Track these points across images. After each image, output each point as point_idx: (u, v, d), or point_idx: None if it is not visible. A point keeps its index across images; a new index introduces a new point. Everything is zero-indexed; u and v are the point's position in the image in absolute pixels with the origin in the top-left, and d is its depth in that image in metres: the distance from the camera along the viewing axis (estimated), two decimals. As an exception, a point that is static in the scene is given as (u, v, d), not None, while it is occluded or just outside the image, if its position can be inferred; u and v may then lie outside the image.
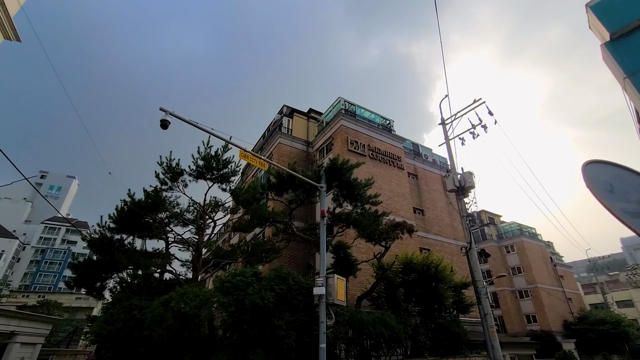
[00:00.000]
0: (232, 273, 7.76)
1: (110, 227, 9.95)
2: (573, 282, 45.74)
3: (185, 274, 12.33)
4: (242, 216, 11.54)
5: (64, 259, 74.10)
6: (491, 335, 13.23)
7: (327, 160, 20.05)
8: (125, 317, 8.28)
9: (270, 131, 28.41)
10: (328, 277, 7.89)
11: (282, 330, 7.41)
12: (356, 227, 10.45)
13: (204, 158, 10.23)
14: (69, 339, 41.30)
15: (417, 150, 27.77)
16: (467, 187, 15.97)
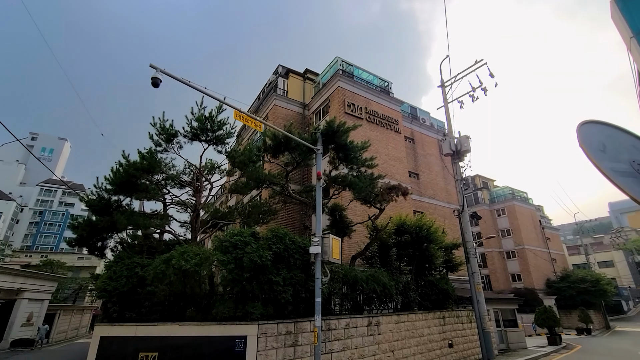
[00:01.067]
0: (231, 233, 7.97)
1: (107, 188, 9.98)
2: (559, 244, 47.62)
3: (185, 234, 12.60)
4: (239, 178, 11.59)
5: (62, 220, 75.02)
6: (477, 291, 14.06)
7: (324, 123, 19.82)
8: (128, 274, 8.58)
9: (266, 93, 27.66)
10: (324, 237, 8.16)
11: (279, 285, 7.79)
12: (352, 189, 10.60)
13: (198, 119, 10.03)
14: (75, 295, 43.02)
15: (414, 114, 27.40)
16: (463, 151, 16.06)
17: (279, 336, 7.84)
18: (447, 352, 12.96)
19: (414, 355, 11.35)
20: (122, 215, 9.15)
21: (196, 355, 7.39)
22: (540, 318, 22.74)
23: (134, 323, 7.89)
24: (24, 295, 23.54)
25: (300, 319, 8.42)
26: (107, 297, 8.18)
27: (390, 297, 10.90)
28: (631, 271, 53.36)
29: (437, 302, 13.09)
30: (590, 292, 34.59)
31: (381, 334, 10.37)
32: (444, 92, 18.24)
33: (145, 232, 10.32)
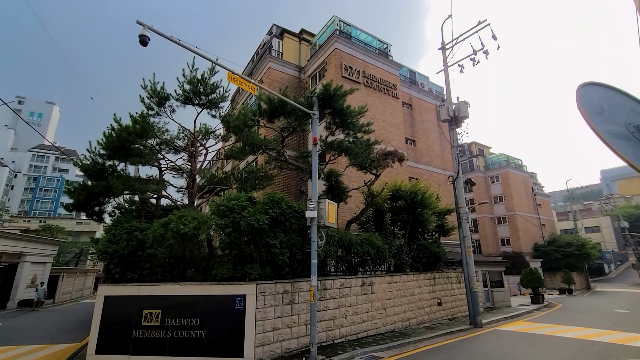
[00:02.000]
0: (228, 197, 8.04)
1: (100, 153, 9.86)
2: (549, 210, 48.82)
3: (182, 199, 12.70)
4: (234, 143, 11.47)
5: (58, 186, 74.84)
6: (467, 254, 14.57)
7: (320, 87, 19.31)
8: (128, 237, 8.75)
9: (260, 55, 26.62)
10: (320, 202, 8.27)
11: (277, 248, 8.02)
12: (348, 155, 10.58)
13: (190, 82, 9.70)
14: (77, 259, 43.98)
15: (413, 79, 26.72)
16: (461, 117, 15.88)
17: (277, 295, 8.21)
18: (436, 310, 13.71)
19: (404, 312, 12.01)
20: (117, 180, 9.12)
21: (198, 312, 7.75)
22: (526, 279, 23.86)
23: (137, 283, 8.18)
24: (26, 258, 24.08)
25: (296, 280, 8.77)
26: (109, 259, 8.39)
27: (384, 259, 11.30)
28: (616, 236, 55.37)
29: (428, 264, 13.63)
30: (575, 255, 36.09)
31: (374, 293, 10.89)
32: (445, 55, 17.67)
33: (142, 197, 10.37)
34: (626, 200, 68.49)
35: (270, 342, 7.86)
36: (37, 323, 18.13)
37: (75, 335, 14.20)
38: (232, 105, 24.39)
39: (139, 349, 7.73)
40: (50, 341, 12.80)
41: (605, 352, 9.10)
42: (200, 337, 7.63)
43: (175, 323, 7.77)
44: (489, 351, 9.09)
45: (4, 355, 10.41)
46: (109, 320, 8.01)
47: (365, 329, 10.33)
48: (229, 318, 7.69)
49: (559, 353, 8.96)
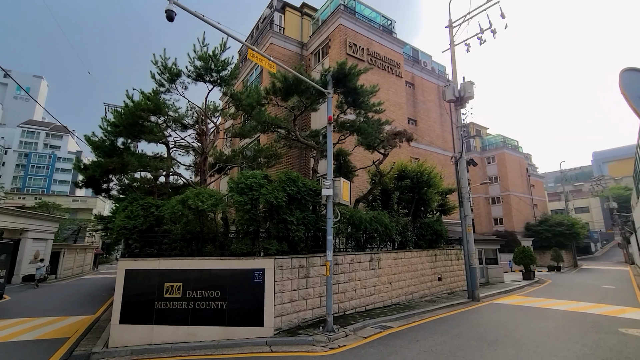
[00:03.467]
0: (245, 175, 8.17)
1: (110, 130, 9.78)
2: (542, 191, 49.87)
3: (190, 177, 12.78)
4: (244, 122, 11.45)
5: (50, 163, 73.76)
6: (467, 232, 15.07)
7: (326, 65, 19.02)
8: (144, 213, 8.89)
9: (260, 30, 25.90)
10: (335, 180, 8.46)
11: (293, 225, 8.27)
12: (360, 134, 10.68)
13: (202, 58, 9.55)
14: (75, 236, 44.14)
15: (416, 57, 26.39)
16: (466, 98, 15.95)
17: (293, 269, 8.54)
18: (436, 285, 14.34)
19: (408, 287, 12.56)
20: (133, 156, 9.15)
21: (218, 284, 8.06)
22: (518, 257, 24.80)
23: (157, 258, 8.41)
24: (27, 235, 24.18)
25: (311, 255, 9.11)
26: (128, 234, 8.56)
27: (390, 236, 11.68)
28: (604, 216, 57.13)
29: (430, 242, 14.12)
30: (565, 234, 37.35)
31: (381, 269, 11.35)
32: (451, 34, 17.47)
33: (155, 175, 10.43)
34: (616, 181, 70.05)
35: (287, 312, 8.27)
36: (45, 297, 18.51)
37: (87, 308, 14.60)
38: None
39: (162, 319, 8.07)
40: (64, 313, 13.19)
41: (597, 323, 9.73)
42: (222, 308, 7.98)
43: (197, 295, 8.09)
44: (490, 321, 9.67)
45: (23, 327, 10.76)
46: (131, 292, 8.28)
47: (373, 301, 10.84)
48: (249, 290, 8.03)
49: (555, 323, 9.56)
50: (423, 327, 8.92)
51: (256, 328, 7.84)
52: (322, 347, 7.07)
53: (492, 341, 7.40)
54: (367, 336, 7.87)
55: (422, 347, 6.87)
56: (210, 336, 7.86)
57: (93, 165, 9.58)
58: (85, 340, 9.15)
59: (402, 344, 7.15)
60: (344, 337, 7.76)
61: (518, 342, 7.31)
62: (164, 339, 7.96)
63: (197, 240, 8.77)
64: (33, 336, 9.62)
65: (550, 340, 7.59)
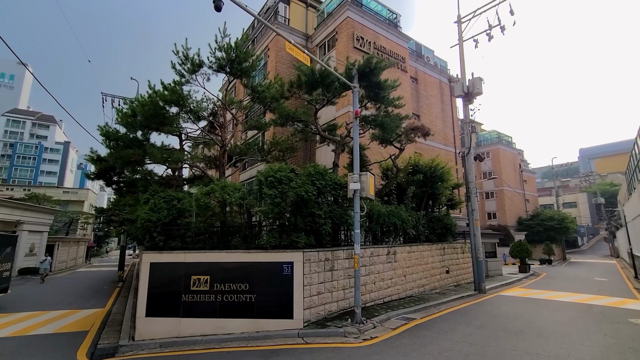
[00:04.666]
0: (274, 169, 8.14)
1: (129, 122, 9.53)
2: (533, 186, 51.02)
3: (203, 170, 12.66)
4: (262, 114, 11.34)
5: (37, 153, 71.64)
6: (475, 225, 15.38)
7: (328, 59, 18.88)
8: (167, 206, 8.78)
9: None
10: (361, 174, 8.52)
11: (321, 218, 8.32)
12: (382, 129, 10.72)
13: (224, 49, 9.39)
14: (67, 228, 43.23)
15: (419, 52, 26.46)
16: (475, 94, 16.13)
17: (319, 262, 8.61)
18: (444, 277, 14.65)
19: (420, 279, 12.81)
20: (155, 148, 8.99)
21: (246, 277, 8.08)
22: (515, 250, 25.50)
23: (183, 251, 8.35)
24: (23, 227, 23.58)
25: (335, 248, 9.19)
26: (152, 227, 8.46)
27: (405, 230, 11.84)
28: (590, 211, 58.93)
29: (440, 235, 14.38)
30: (556, 229, 38.46)
31: (397, 262, 11.53)
32: (460, 29, 17.57)
33: (173, 167, 10.29)
34: (601, 177, 72.16)
35: (315, 305, 8.36)
36: (47, 290, 18.18)
37: (94, 301, 14.44)
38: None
39: (189, 312, 8.06)
40: (72, 307, 13.01)
41: (605, 314, 10.13)
42: (250, 300, 8.01)
43: (225, 288, 8.09)
44: (505, 313, 9.96)
45: (37, 320, 10.59)
46: (156, 285, 8.23)
47: (390, 294, 11.03)
48: (278, 283, 8.07)
49: (567, 314, 9.91)
50: (444, 318, 9.14)
51: (285, 320, 7.91)
52: (355, 339, 7.19)
53: (516, 331, 7.65)
54: (395, 327, 8.03)
55: (453, 338, 7.07)
56: (239, 328, 7.90)
57: (113, 157, 9.35)
58: (106, 334, 9.08)
59: (433, 335, 7.34)
60: (373, 329, 7.90)
61: (542, 333, 7.58)
62: (192, 331, 7.96)
63: (223, 233, 8.74)
64: (51, 329, 9.49)
65: (571, 330, 7.89)
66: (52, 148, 73.12)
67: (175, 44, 9.24)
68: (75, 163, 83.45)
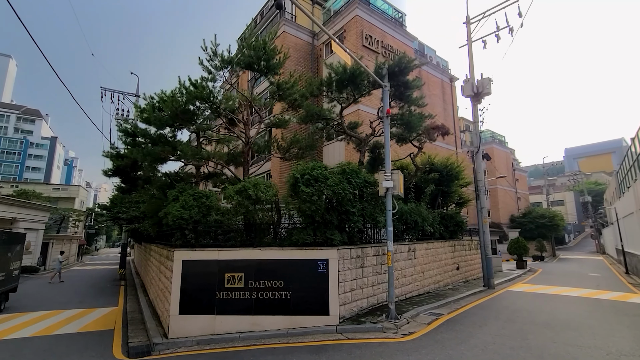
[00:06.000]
0: (309, 167, 8.19)
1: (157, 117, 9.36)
2: (525, 185, 52.36)
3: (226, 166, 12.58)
4: (284, 112, 11.32)
5: (22, 149, 69.34)
6: (484, 223, 15.74)
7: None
8: (197, 203, 8.72)
9: (266, 16, 25.31)
10: (393, 173, 8.65)
11: (355, 216, 8.43)
12: (407, 127, 10.87)
13: (253, 47, 9.34)
14: (58, 226, 42.15)
15: (422, 51, 26.76)
16: (484, 94, 16.46)
17: (352, 259, 8.73)
18: (455, 274, 14.99)
19: (435, 276, 13.08)
20: (185, 145, 8.90)
21: (281, 274, 8.12)
22: (513, 247, 26.27)
23: (216, 248, 8.32)
24: (19, 224, 22.89)
25: (365, 245, 9.32)
26: (184, 224, 8.40)
27: (423, 227, 12.07)
28: (577, 209, 60.91)
29: (453, 233, 14.70)
30: (547, 226, 39.61)
31: (416, 259, 11.75)
32: (469, 30, 17.85)
33: (198, 164, 10.21)
34: (586, 176, 74.51)
35: (349, 301, 8.47)
36: (51, 289, 17.77)
37: (103, 299, 14.24)
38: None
39: (224, 309, 8.05)
40: (84, 305, 12.81)
41: (615, 307, 10.59)
42: (286, 297, 8.06)
43: (259, 285, 8.12)
44: (524, 307, 10.30)
45: (56, 319, 10.40)
46: (189, 283, 8.18)
47: (411, 290, 11.25)
48: (313, 280, 8.14)
49: (582, 308, 10.32)
50: (470, 313, 9.40)
51: (322, 317, 8.00)
52: (394, 334, 7.35)
53: (545, 324, 7.96)
54: (428, 322, 8.23)
55: (490, 332, 7.31)
56: (275, 325, 7.95)
57: (141, 154, 9.18)
58: (132, 332, 9.00)
59: (469, 330, 7.56)
60: (407, 324, 8.08)
61: (569, 325, 7.90)
62: (227, 329, 7.96)
63: (255, 230, 8.75)
64: (75, 328, 9.35)
65: (593, 323, 8.25)
66: (38, 143, 70.87)
67: (204, 40, 9.15)
68: (62, 159, 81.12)
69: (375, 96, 11.72)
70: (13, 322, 9.95)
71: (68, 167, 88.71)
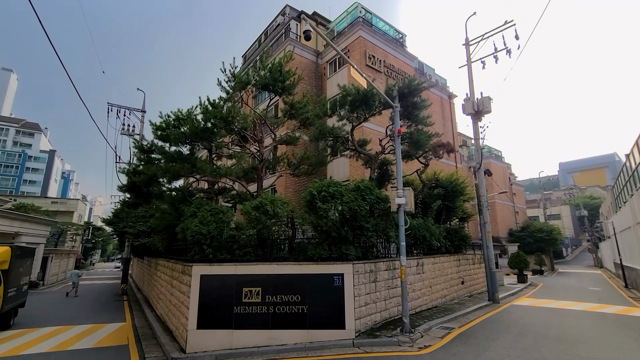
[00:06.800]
0: (325, 184, 8.51)
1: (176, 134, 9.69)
2: (522, 199, 52.95)
3: (232, 184, 12.86)
4: (295, 130, 11.73)
5: (20, 162, 69.09)
6: (487, 238, 16.06)
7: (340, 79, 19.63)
8: (214, 219, 8.97)
9: (272, 37, 26.12)
10: (405, 190, 8.99)
11: (369, 231, 8.71)
12: (415, 145, 11.30)
13: (269, 69, 9.82)
14: (56, 240, 41.80)
15: (421, 70, 27.61)
16: (484, 112, 17.05)
17: (366, 274, 8.95)
18: (460, 288, 15.17)
19: (442, 290, 13.27)
20: (205, 163, 9.21)
21: (298, 289, 8.30)
22: (514, 261, 26.49)
23: (234, 263, 8.53)
24: (21, 239, 22.78)
25: (377, 260, 9.55)
26: (203, 239, 8.61)
27: (430, 242, 12.34)
28: (573, 223, 61.48)
29: (457, 247, 14.97)
30: (545, 240, 39.96)
31: (425, 273, 11.98)
32: (468, 52, 18.62)
33: (213, 181, 10.49)
34: (581, 190, 75.54)
35: (364, 315, 8.65)
36: (55, 305, 17.66)
37: (109, 315, 14.20)
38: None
39: (241, 323, 8.19)
40: (91, 321, 12.78)
41: (620, 321, 10.82)
42: (302, 311, 8.23)
43: (276, 299, 8.29)
44: (533, 321, 10.49)
45: (68, 335, 10.42)
46: (207, 297, 8.33)
47: (420, 304, 11.42)
48: (329, 294, 8.33)
49: (588, 322, 10.53)
50: (480, 327, 9.59)
51: (338, 330, 8.15)
52: (410, 347, 7.52)
53: (556, 338, 8.17)
54: (441, 336, 8.41)
55: (504, 345, 7.51)
56: (292, 339, 8.08)
57: (161, 170, 9.46)
58: (147, 347, 9.09)
59: (483, 343, 7.75)
60: (421, 338, 8.25)
61: (579, 339, 8.13)
62: (244, 343, 8.09)
63: (271, 245, 8.97)
64: (89, 344, 9.38)
65: (603, 336, 8.48)
66: (37, 156, 70.74)
67: (223, 62, 9.62)
68: (60, 172, 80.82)
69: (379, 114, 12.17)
70: (27, 338, 9.95)
71: (65, 180, 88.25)
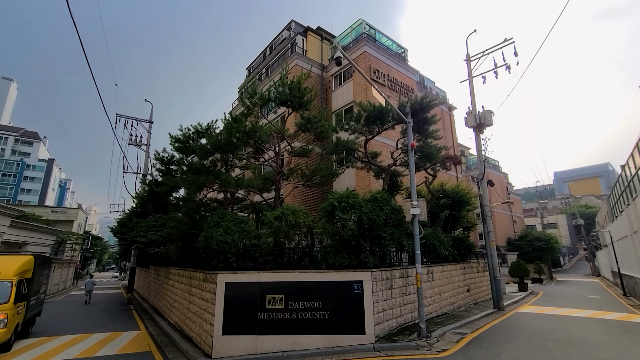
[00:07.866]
0: (345, 195, 8.98)
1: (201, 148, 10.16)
2: (519, 208, 53.75)
3: (245, 195, 13.28)
4: (310, 143, 12.25)
5: (18, 171, 68.85)
6: (491, 246, 16.55)
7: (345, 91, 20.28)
8: (237, 229, 9.37)
9: (277, 51, 26.90)
10: (419, 200, 9.49)
11: (387, 240, 9.17)
12: (426, 158, 11.85)
13: (289, 86, 10.38)
14: (56, 249, 41.64)
15: (422, 83, 28.47)
16: (486, 125, 17.74)
17: (382, 281, 9.37)
18: (466, 296, 15.58)
19: (450, 297, 13.68)
20: (228, 175, 9.66)
21: (319, 295, 8.68)
22: (515, 270, 26.98)
23: (257, 271, 8.91)
24: (27, 248, 22.86)
25: (392, 268, 9.98)
26: (228, 248, 9.00)
27: (439, 251, 12.80)
28: (570, 232, 62.31)
29: (463, 256, 15.43)
30: (544, 249, 40.52)
31: (434, 280, 12.40)
32: (469, 67, 19.41)
33: (232, 191, 10.92)
34: (576, 200, 76.65)
35: (382, 321, 9.03)
36: (65, 314, 17.77)
37: (122, 324, 14.39)
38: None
39: (265, 329, 8.53)
40: (106, 329, 12.97)
41: (622, 327, 11.27)
42: (324, 317, 8.60)
43: (299, 306, 8.66)
44: (540, 327, 10.91)
45: (90, 342, 10.67)
46: (232, 304, 8.68)
47: (430, 311, 11.81)
48: (349, 301, 8.72)
49: (592, 327, 10.97)
50: (491, 332, 10.00)
51: (358, 335, 8.52)
52: (428, 351, 7.91)
53: (565, 342, 8.60)
54: (456, 341, 8.80)
55: (517, 348, 7.93)
56: (314, 344, 8.43)
57: (187, 182, 9.88)
58: (170, 354, 9.39)
59: (497, 347, 8.16)
60: (437, 342, 8.64)
61: (587, 342, 8.56)
62: (268, 348, 8.42)
63: (290, 253, 9.38)
64: (113, 350, 9.64)
65: (608, 340, 8.93)
66: (35, 165, 70.58)
67: (245, 79, 10.16)
68: (57, 181, 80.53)
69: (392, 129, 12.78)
70: (50, 345, 10.18)
71: (61, 189, 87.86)
